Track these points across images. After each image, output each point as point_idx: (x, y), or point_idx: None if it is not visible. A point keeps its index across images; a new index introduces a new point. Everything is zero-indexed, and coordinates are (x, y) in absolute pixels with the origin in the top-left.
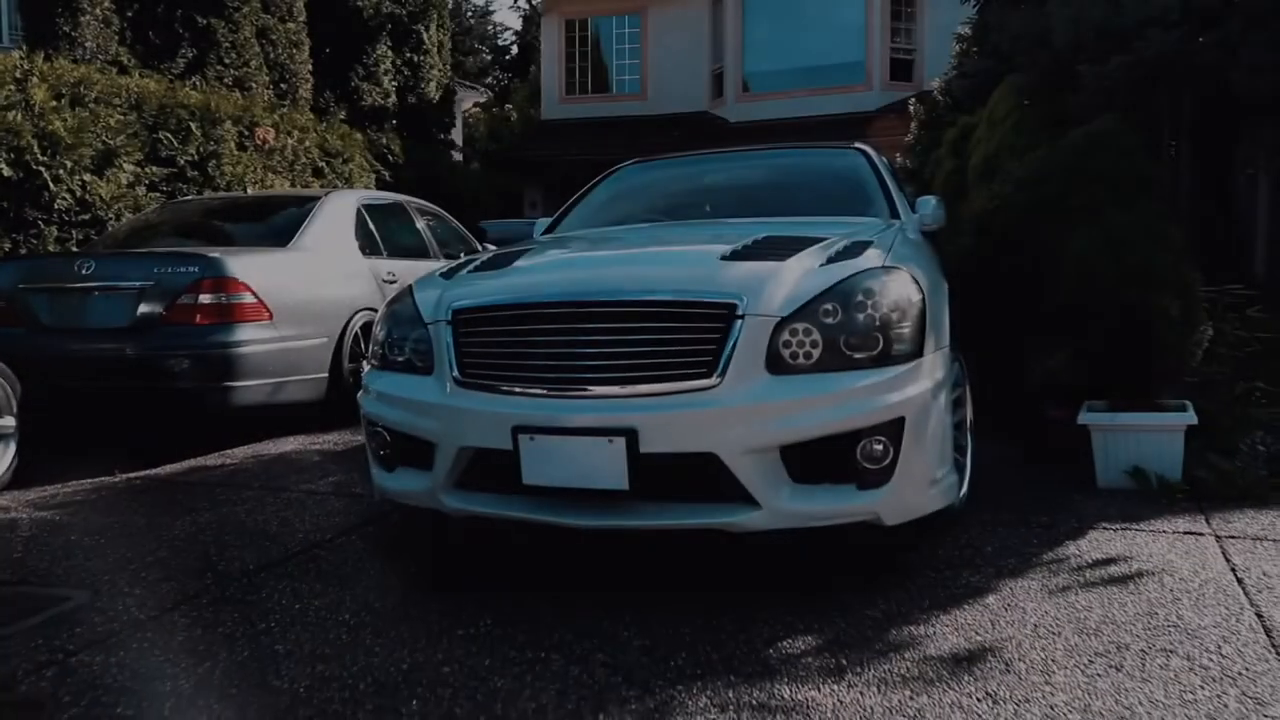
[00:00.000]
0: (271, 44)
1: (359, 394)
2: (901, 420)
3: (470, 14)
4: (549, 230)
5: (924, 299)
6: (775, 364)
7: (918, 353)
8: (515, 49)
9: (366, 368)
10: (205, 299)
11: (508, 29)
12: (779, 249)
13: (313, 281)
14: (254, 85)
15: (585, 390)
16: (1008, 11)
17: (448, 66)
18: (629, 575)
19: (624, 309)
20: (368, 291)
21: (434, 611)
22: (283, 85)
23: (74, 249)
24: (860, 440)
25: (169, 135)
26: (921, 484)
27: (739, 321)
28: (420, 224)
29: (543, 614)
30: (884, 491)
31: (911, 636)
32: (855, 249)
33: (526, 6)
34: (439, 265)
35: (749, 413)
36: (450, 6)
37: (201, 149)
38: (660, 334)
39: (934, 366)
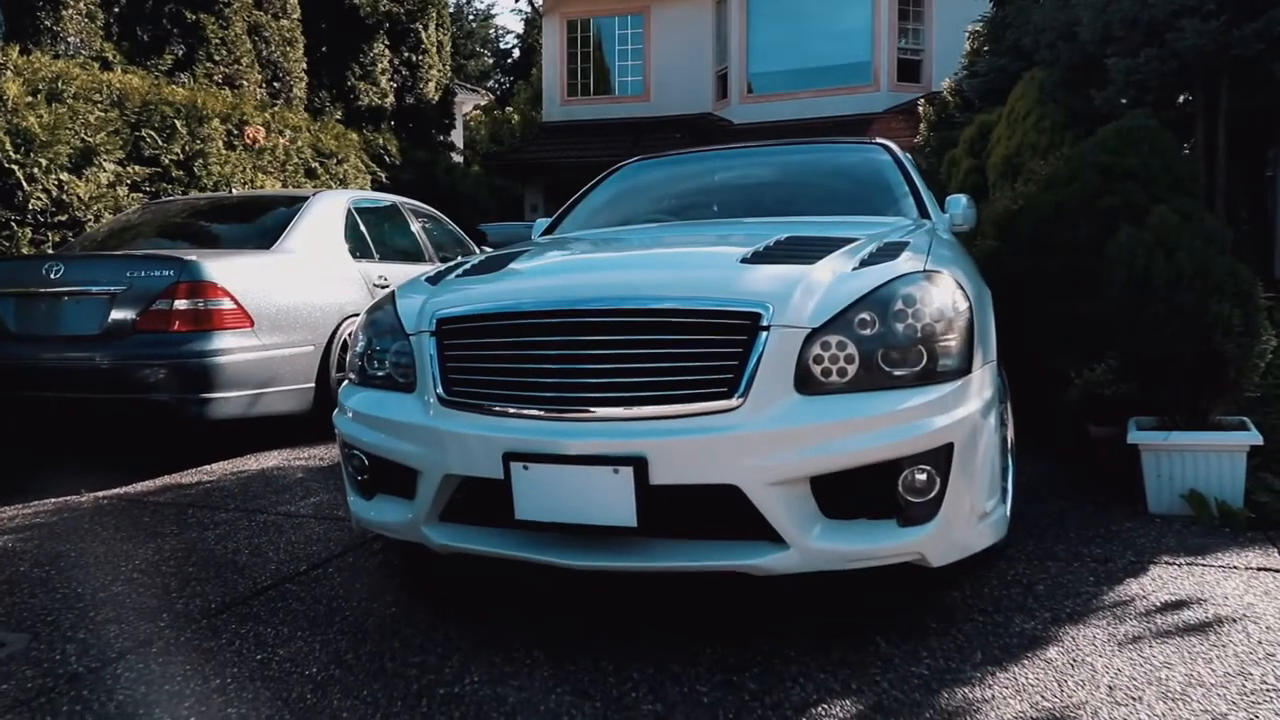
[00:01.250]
0: (264, 41)
1: (334, 413)
2: (949, 447)
3: (472, 18)
4: (548, 231)
5: (971, 306)
6: (805, 382)
7: (965, 369)
8: (517, 52)
9: (343, 383)
10: (181, 304)
11: (509, 32)
12: (805, 251)
13: (298, 286)
14: (245, 83)
15: (587, 412)
16: (1029, 4)
17: (447, 67)
18: (638, 620)
19: (631, 319)
20: (358, 297)
21: (412, 665)
22: (276, 84)
23: (50, 251)
24: (902, 470)
25: (152, 133)
26: (970, 518)
27: (764, 333)
28: (415, 226)
29: (538, 668)
30: (929, 528)
31: (967, 701)
32: (890, 251)
33: (529, 9)
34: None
35: (775, 439)
36: (451, 9)
37: (187, 148)
38: (673, 348)
39: (983, 384)
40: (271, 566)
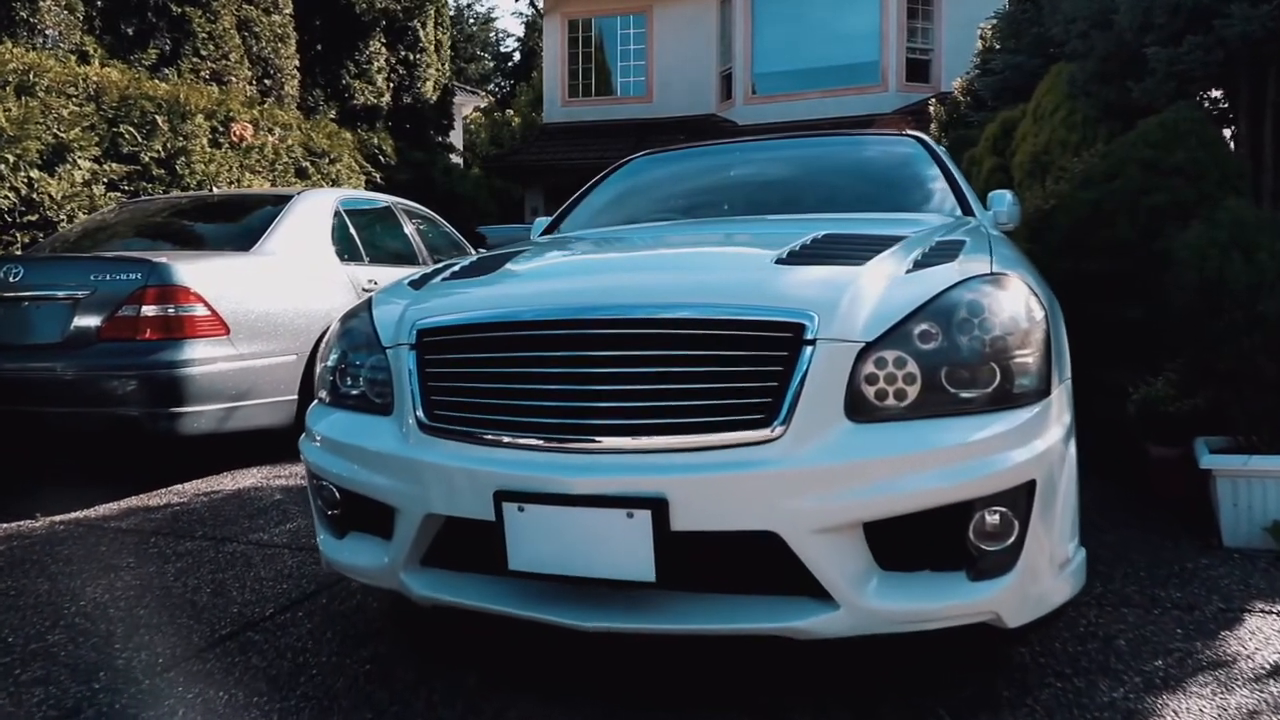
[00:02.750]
0: (255, 37)
1: (301, 438)
2: (1031, 485)
3: (472, 21)
4: (549, 231)
5: (1047, 315)
6: (858, 407)
7: (1044, 389)
8: (518, 56)
9: (313, 403)
10: (149, 310)
11: (510, 36)
12: (848, 250)
13: (279, 290)
14: (234, 79)
15: (593, 441)
16: None
17: (446, 66)
18: (653, 681)
19: (647, 330)
20: (345, 302)
21: None
22: (266, 81)
23: (19, 253)
24: (974, 513)
25: (131, 129)
26: (1050, 568)
27: (808, 348)
28: (409, 228)
29: None
30: (1006, 581)
31: None
32: (946, 250)
33: (530, 12)
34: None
35: (823, 476)
36: (452, 12)
37: (169, 145)
38: (698, 365)
39: (1062, 407)
40: (234, 609)
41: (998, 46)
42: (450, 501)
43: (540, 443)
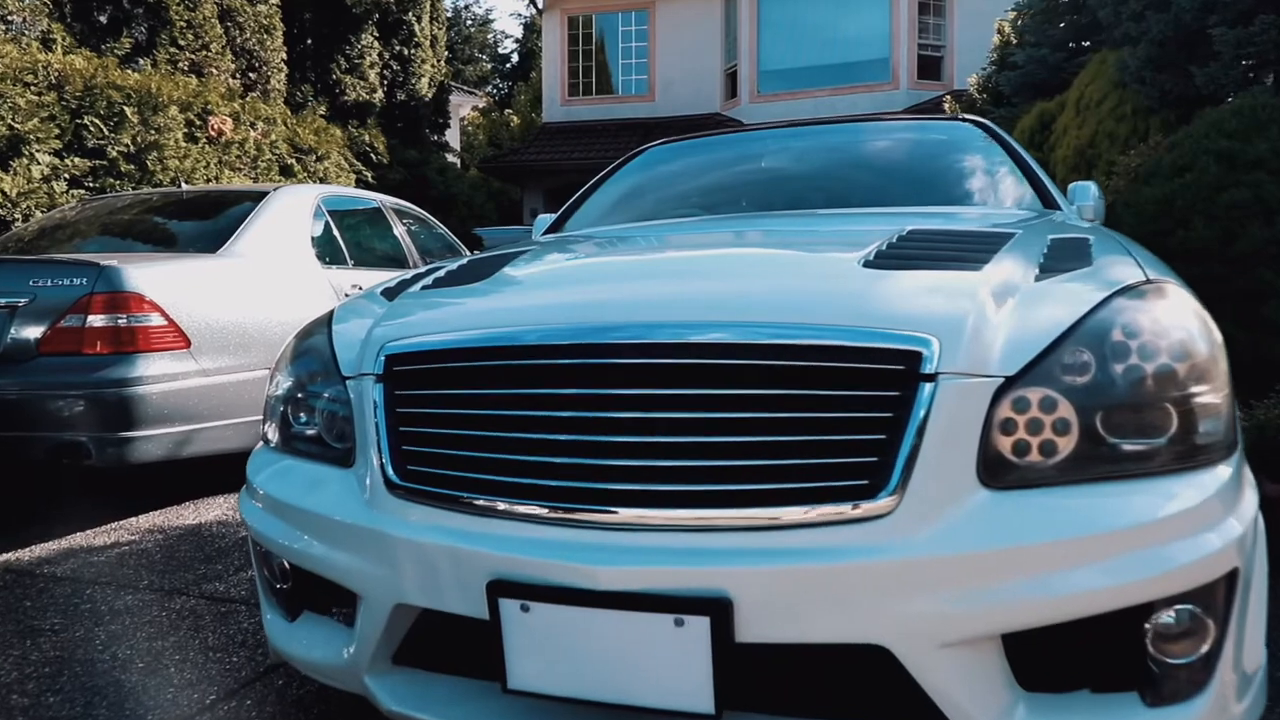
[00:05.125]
0: (239, 27)
1: (241, 491)
2: (1233, 575)
3: (470, 22)
4: (552, 230)
5: (1221, 340)
6: (995, 469)
7: (1233, 439)
8: (516, 57)
9: (256, 447)
10: (96, 320)
11: (508, 36)
12: (951, 250)
13: (249, 298)
14: (215, 71)
15: (612, 513)
16: None
17: (442, 63)
18: None
19: (696, 360)
20: (325, 310)
21: None
22: (251, 74)
23: None
24: (1153, 614)
25: (97, 121)
26: (1243, 683)
27: (927, 386)
28: (399, 229)
29: None
30: (1197, 706)
31: None
32: (1071, 251)
33: (529, 13)
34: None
35: (954, 568)
36: (449, 13)
37: (139, 138)
38: (770, 409)
39: (1244, 460)
40: (168, 694)
41: (1015, 40)
42: (428, 590)
43: (545, 512)
